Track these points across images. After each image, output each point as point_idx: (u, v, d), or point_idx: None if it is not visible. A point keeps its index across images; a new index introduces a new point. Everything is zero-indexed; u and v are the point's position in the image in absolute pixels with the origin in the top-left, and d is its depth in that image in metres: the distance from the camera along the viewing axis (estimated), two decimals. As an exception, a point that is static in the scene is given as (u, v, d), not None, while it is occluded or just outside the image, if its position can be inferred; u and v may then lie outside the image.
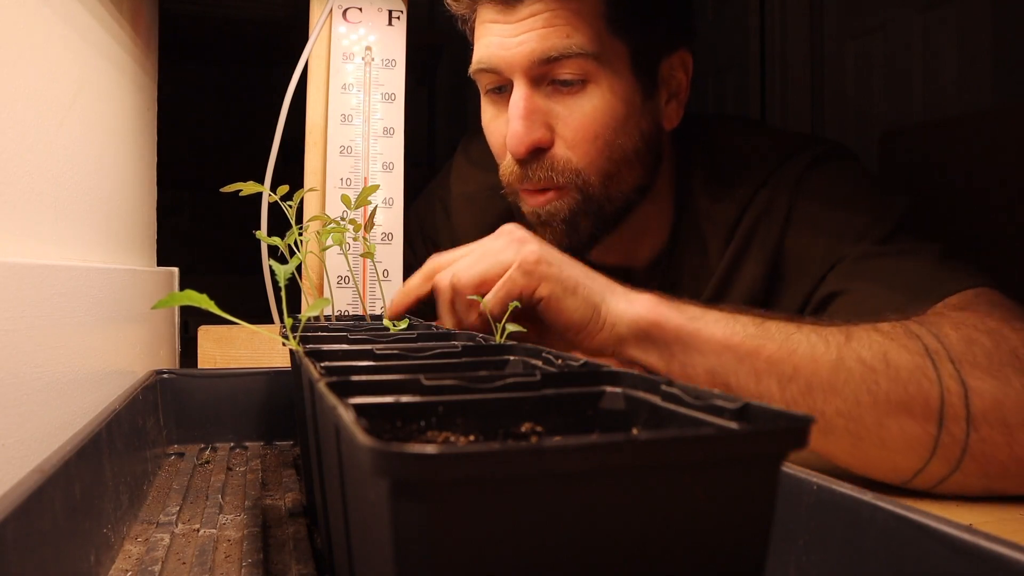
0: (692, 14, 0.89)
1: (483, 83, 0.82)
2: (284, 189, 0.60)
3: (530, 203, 0.81)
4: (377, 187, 0.71)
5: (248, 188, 0.58)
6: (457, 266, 0.66)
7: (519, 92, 0.76)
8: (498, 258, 0.64)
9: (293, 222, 0.59)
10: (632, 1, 0.77)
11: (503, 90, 0.80)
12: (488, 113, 0.84)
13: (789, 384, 0.59)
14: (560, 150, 0.77)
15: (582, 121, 0.76)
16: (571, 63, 0.74)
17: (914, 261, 0.69)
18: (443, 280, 0.67)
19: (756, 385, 0.60)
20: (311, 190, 0.82)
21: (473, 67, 0.81)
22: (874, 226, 0.73)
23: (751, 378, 0.60)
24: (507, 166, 0.81)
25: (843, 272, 0.73)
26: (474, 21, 0.82)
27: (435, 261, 0.70)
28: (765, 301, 0.80)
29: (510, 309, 0.58)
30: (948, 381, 0.55)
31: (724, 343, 0.61)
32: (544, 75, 0.75)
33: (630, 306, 0.63)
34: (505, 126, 0.79)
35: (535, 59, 0.74)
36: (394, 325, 0.57)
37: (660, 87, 0.81)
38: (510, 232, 0.67)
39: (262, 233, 0.68)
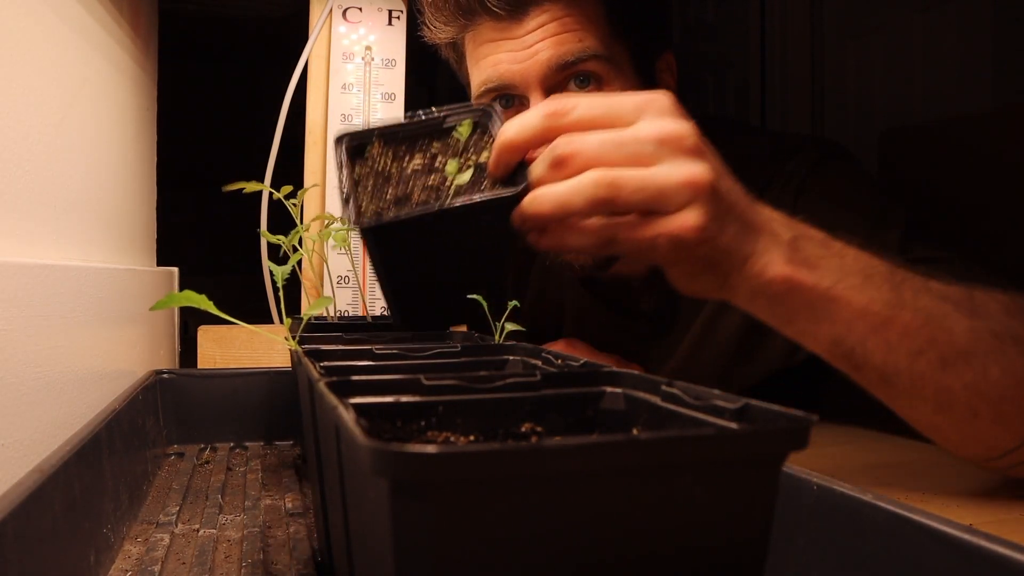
0: (672, 18, 0.89)
1: None
2: (288, 189, 0.61)
3: None
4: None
5: (250, 187, 0.58)
6: (594, 143, 0.48)
7: (538, 102, 0.75)
8: (656, 166, 0.47)
9: (299, 220, 0.59)
10: (629, 4, 0.77)
11: (509, 105, 0.79)
12: None
13: (919, 357, 0.54)
14: None
15: None
16: (586, 66, 0.74)
17: (945, 270, 0.67)
18: (567, 150, 0.48)
19: (883, 356, 0.54)
20: (313, 186, 0.82)
21: (480, 89, 0.78)
22: (882, 232, 0.71)
23: (880, 349, 0.54)
24: None
25: None
26: (464, 45, 0.81)
27: (558, 106, 0.49)
28: None
29: (509, 308, 0.58)
30: None
31: (860, 312, 0.53)
32: (559, 83, 0.75)
33: (770, 262, 0.51)
34: None
35: (552, 66, 0.74)
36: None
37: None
38: (673, 127, 0.48)
39: (265, 231, 0.68)
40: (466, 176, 0.50)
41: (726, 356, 0.86)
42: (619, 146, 0.47)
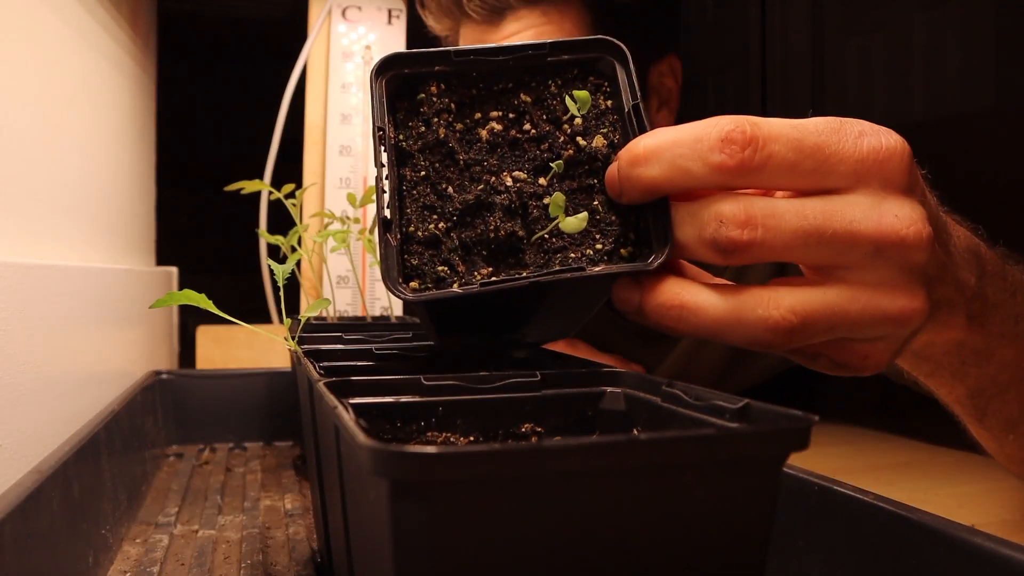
0: (680, 20, 0.86)
1: None
2: (289, 187, 0.61)
3: None
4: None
5: (250, 187, 0.58)
6: (788, 230, 0.31)
7: None
8: (861, 287, 0.33)
9: (298, 220, 0.59)
10: (617, 10, 0.75)
11: None
12: None
13: None
14: None
15: None
16: None
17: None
18: (743, 235, 0.31)
19: (1019, 405, 0.47)
20: (312, 185, 0.82)
21: None
22: None
23: (1019, 398, 0.47)
24: None
25: None
26: (457, 42, 0.81)
27: (740, 145, 0.31)
28: None
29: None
30: None
31: (1013, 362, 0.44)
32: None
33: (947, 327, 0.40)
34: None
35: None
36: None
37: (650, 95, 0.81)
38: (902, 227, 0.32)
39: (264, 232, 0.68)
40: (578, 223, 0.33)
41: (727, 356, 0.86)
42: (823, 244, 0.31)
